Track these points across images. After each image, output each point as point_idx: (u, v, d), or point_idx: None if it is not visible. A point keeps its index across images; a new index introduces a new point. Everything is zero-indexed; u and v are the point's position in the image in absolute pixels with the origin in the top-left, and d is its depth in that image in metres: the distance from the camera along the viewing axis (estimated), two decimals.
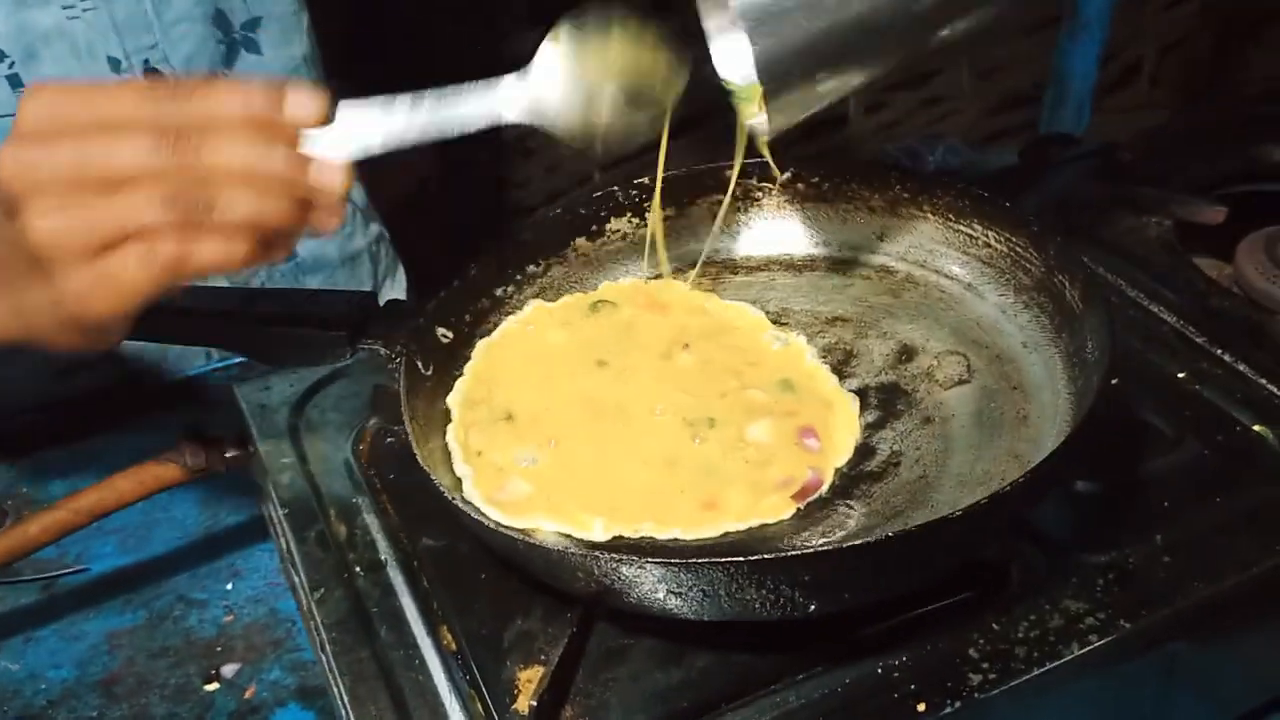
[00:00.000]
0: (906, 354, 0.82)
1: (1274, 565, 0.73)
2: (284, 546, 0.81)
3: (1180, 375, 0.88)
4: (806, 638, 0.68)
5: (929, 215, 0.86)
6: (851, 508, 0.71)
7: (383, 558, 0.77)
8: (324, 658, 0.72)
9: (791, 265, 0.90)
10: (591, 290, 0.89)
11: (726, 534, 0.70)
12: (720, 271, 0.91)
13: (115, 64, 1.04)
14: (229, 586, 0.96)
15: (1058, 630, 0.68)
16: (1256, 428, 0.83)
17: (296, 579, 0.78)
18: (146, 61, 1.05)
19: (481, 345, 0.83)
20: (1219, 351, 0.90)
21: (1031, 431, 0.73)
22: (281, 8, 1.13)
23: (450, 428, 0.77)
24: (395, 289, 1.36)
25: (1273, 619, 0.78)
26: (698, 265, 0.89)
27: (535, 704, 0.62)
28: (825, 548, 0.65)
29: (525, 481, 0.72)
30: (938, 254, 0.87)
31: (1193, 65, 3.86)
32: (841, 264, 0.89)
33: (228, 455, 0.86)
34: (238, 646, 0.91)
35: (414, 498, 0.80)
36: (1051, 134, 1.42)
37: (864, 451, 0.75)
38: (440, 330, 0.80)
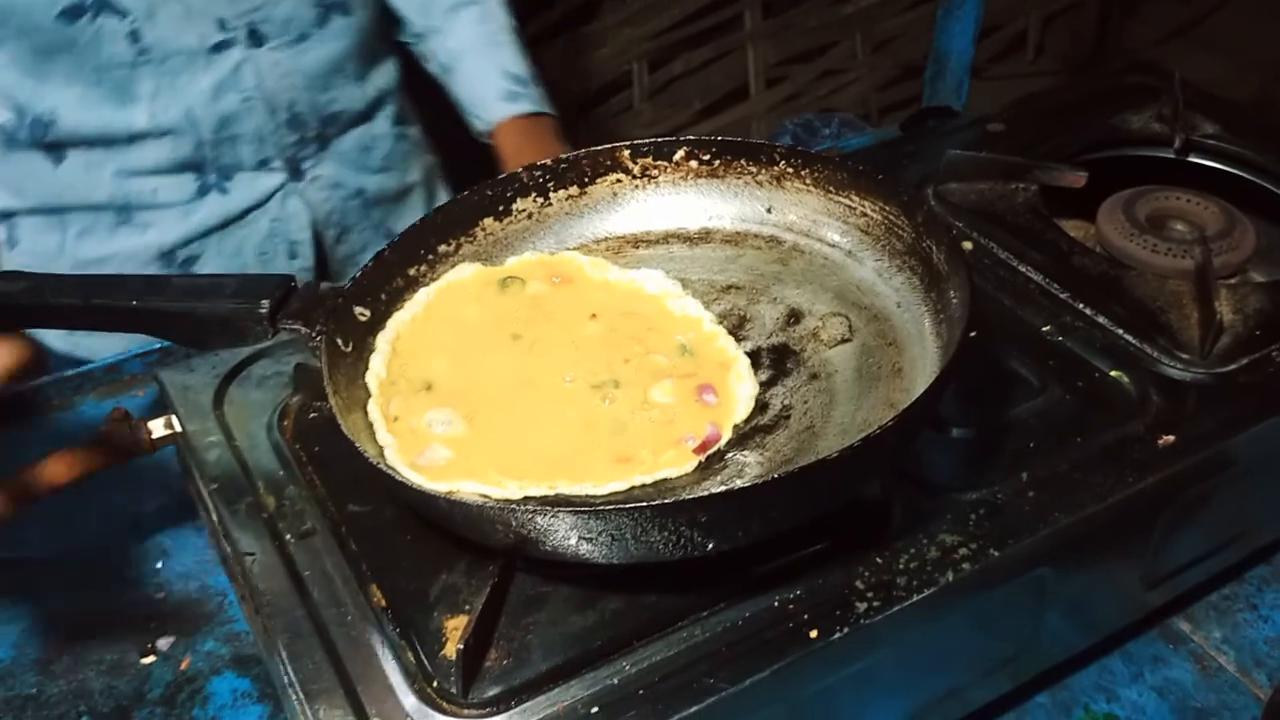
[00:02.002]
0: (795, 317, 0.88)
1: (1128, 495, 0.81)
2: (214, 520, 0.84)
3: (1045, 329, 0.96)
4: (709, 578, 0.74)
5: (811, 188, 0.92)
6: (747, 458, 0.77)
7: (311, 525, 0.81)
8: (260, 620, 0.76)
9: (688, 238, 0.95)
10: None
11: (634, 488, 0.75)
12: (622, 245, 0.95)
13: (221, 24, 1.12)
14: (159, 565, 0.99)
15: (934, 561, 0.75)
16: (1113, 373, 0.91)
17: (229, 549, 0.81)
18: (250, 24, 1.13)
19: (395, 320, 0.86)
20: (1080, 305, 0.97)
21: (905, 382, 0.79)
22: None
23: (371, 400, 0.80)
24: None
25: (1129, 544, 0.86)
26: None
27: (462, 648, 0.67)
28: (719, 490, 0.70)
29: (445, 447, 0.77)
30: (820, 224, 0.92)
31: (1076, 34, 4.01)
32: (734, 236, 0.95)
33: (155, 437, 0.88)
34: (171, 621, 0.94)
35: (338, 468, 0.84)
36: (931, 107, 1.49)
37: (758, 407, 0.81)
38: (358, 309, 0.83)
